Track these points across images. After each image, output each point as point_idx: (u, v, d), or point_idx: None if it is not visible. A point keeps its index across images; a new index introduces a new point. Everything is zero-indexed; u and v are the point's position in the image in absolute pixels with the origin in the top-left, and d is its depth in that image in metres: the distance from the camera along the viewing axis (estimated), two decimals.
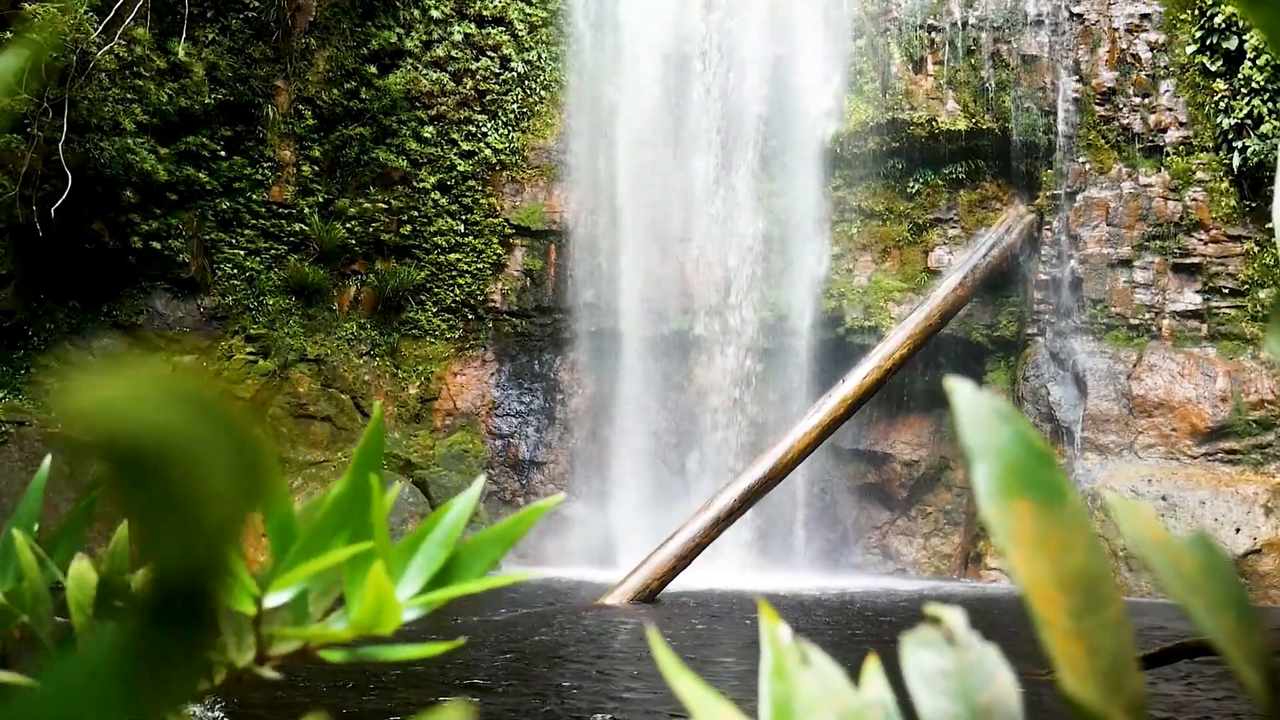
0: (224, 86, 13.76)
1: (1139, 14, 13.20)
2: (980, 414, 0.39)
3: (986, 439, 0.38)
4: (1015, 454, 0.39)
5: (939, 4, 13.74)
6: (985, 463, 0.38)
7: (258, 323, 14.17)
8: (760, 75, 14.02)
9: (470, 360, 14.99)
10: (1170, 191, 12.91)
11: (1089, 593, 0.38)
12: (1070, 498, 0.38)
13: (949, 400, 0.39)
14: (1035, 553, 0.37)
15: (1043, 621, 0.36)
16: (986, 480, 0.38)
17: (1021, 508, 0.38)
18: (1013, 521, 0.37)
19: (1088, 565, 0.38)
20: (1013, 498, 0.38)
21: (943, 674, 0.42)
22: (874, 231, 14.16)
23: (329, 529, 0.64)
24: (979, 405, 0.39)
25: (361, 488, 0.65)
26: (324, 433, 14.09)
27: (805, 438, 11.76)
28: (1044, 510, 0.38)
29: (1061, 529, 0.37)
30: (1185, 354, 12.71)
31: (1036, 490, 0.38)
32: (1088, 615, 0.37)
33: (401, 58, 14.64)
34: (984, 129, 13.56)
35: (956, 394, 0.39)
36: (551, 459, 14.80)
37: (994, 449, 0.38)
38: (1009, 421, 0.39)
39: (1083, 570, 0.37)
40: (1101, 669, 0.37)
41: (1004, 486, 0.38)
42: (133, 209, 13.16)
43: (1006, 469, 0.38)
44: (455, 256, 14.84)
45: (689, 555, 10.72)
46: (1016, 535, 0.37)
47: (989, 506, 0.37)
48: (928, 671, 0.42)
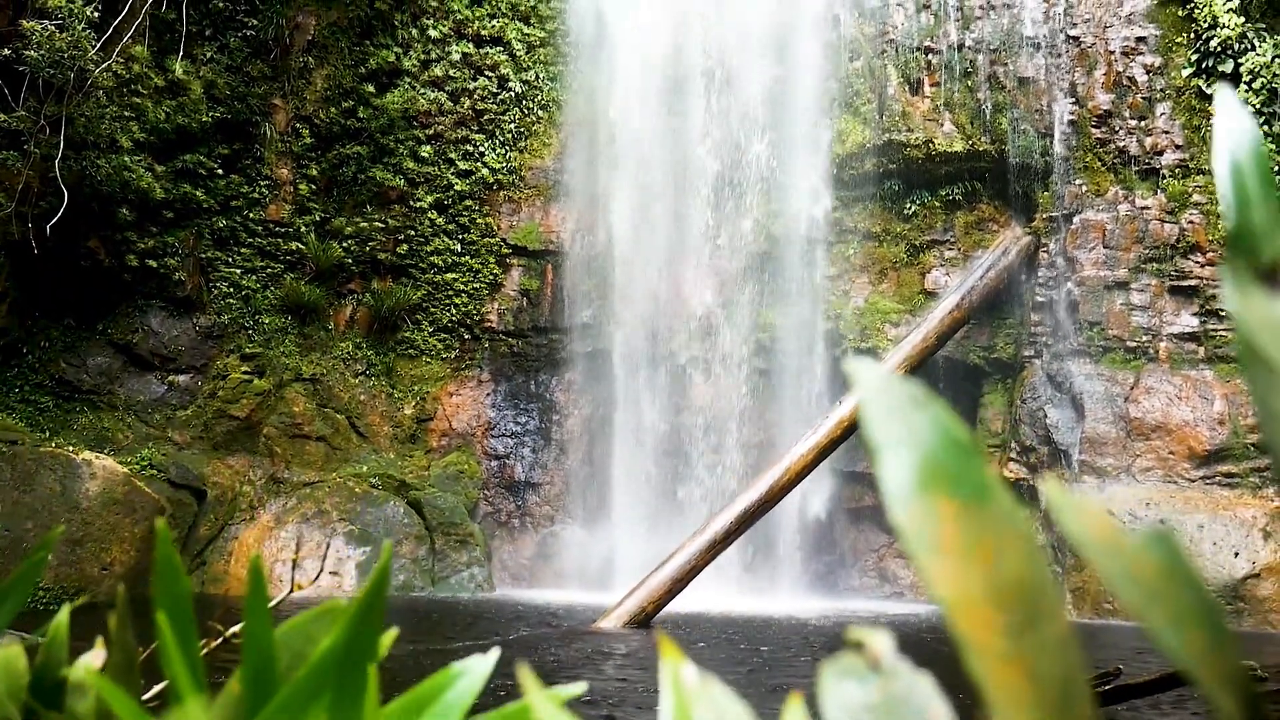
0: (222, 104, 13.76)
1: (1135, 37, 13.23)
2: (889, 399, 0.33)
3: (897, 428, 0.33)
4: (933, 445, 0.33)
5: (936, 26, 13.76)
6: (896, 455, 0.33)
7: (253, 341, 14.12)
8: (758, 96, 14.03)
9: (466, 380, 14.93)
10: (1167, 214, 12.90)
11: (1028, 607, 0.32)
12: (999, 495, 0.32)
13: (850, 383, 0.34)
14: (962, 562, 0.31)
15: (971, 644, 0.30)
16: (897, 476, 0.32)
17: (943, 507, 0.32)
18: (932, 524, 0.32)
19: (1026, 574, 0.32)
20: (931, 496, 0.32)
21: (866, 708, 0.36)
22: (870, 253, 14.13)
23: (310, 689, 0.55)
24: (887, 389, 0.34)
25: (355, 646, 0.56)
26: (319, 453, 14.01)
27: (802, 460, 11.68)
28: (970, 510, 0.32)
29: (992, 532, 0.32)
30: (1182, 376, 12.66)
31: (959, 487, 0.32)
32: (1027, 633, 0.31)
33: (399, 77, 14.66)
34: (981, 151, 13.56)
35: (859, 376, 0.34)
36: (547, 480, 14.72)
37: (906, 439, 0.33)
38: (924, 407, 0.33)
39: (1020, 580, 0.31)
40: (1047, 699, 0.31)
41: (920, 483, 0.32)
42: (129, 227, 13.13)
43: (923, 462, 0.32)
44: (452, 276, 14.80)
45: (685, 578, 10.63)
46: (937, 541, 0.31)
47: (900, 507, 0.32)
48: (850, 705, 0.36)
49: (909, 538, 0.31)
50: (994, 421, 13.68)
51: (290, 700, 0.53)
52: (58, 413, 13.02)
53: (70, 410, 13.18)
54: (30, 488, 10.62)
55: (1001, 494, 0.32)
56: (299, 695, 0.53)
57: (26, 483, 10.64)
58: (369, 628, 0.56)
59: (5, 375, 12.97)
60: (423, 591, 12.52)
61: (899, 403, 0.33)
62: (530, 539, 14.51)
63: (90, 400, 13.34)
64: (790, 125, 13.98)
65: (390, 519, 12.94)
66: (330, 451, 14.08)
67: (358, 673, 0.55)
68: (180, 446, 13.42)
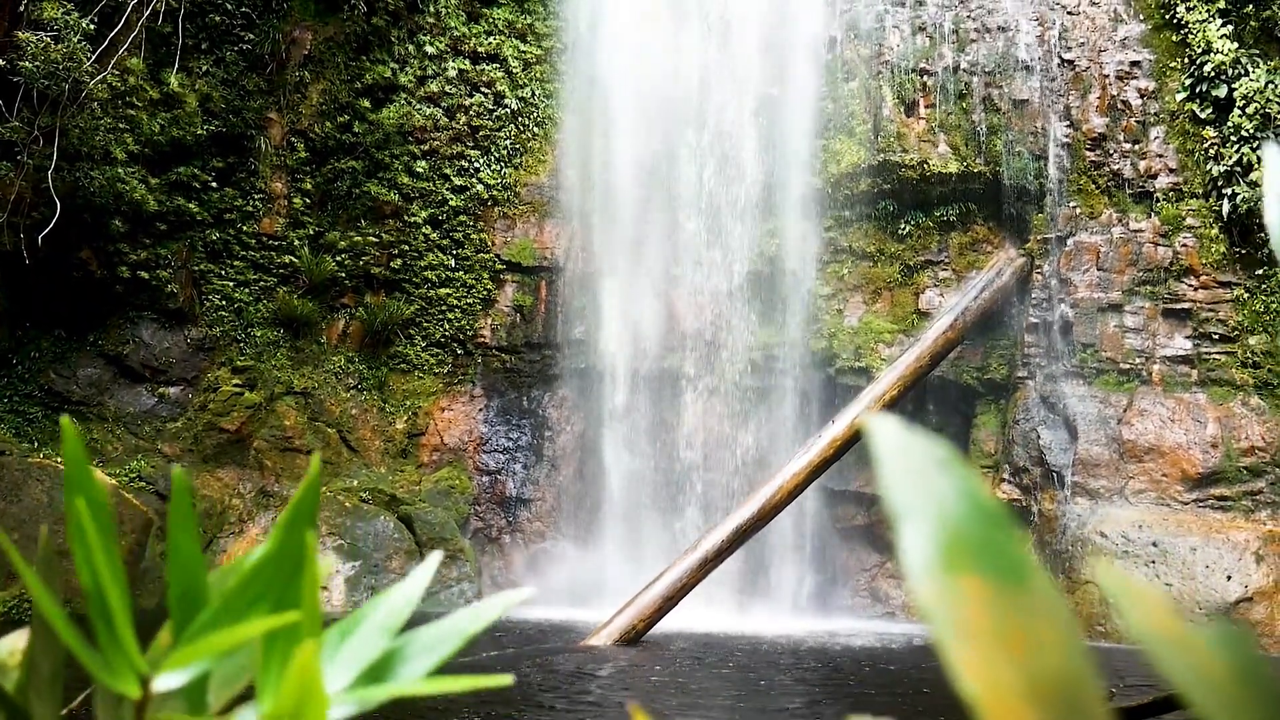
0: (217, 118, 13.74)
1: (1129, 61, 13.29)
2: (909, 461, 0.30)
3: (920, 494, 0.30)
4: (959, 515, 0.29)
5: (931, 48, 13.82)
6: (918, 525, 0.29)
7: (245, 354, 14.06)
8: (752, 115, 14.06)
9: (458, 396, 14.88)
10: (1160, 237, 12.93)
11: (1068, 704, 0.28)
12: (1034, 574, 0.29)
13: (869, 443, 0.31)
14: (993, 650, 0.27)
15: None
16: (920, 549, 0.29)
17: (971, 587, 0.29)
18: (959, 606, 0.28)
19: (1066, 666, 0.28)
20: (958, 573, 0.29)
21: None
22: (865, 273, 14.14)
23: (246, 598, 0.53)
24: (908, 449, 0.30)
25: (291, 550, 0.54)
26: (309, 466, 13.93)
27: (794, 478, 11.65)
28: (1002, 591, 0.28)
29: (1027, 617, 0.28)
30: (1176, 399, 12.67)
31: (990, 564, 0.29)
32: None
33: (395, 92, 14.66)
34: (975, 172, 13.59)
35: (877, 436, 0.30)
36: (539, 496, 14.66)
37: (929, 508, 0.29)
38: (948, 471, 0.30)
39: (1060, 673, 0.27)
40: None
41: (945, 558, 0.29)
42: (121, 238, 13.08)
43: (948, 535, 0.29)
44: (445, 291, 14.77)
45: (676, 596, 10.58)
46: (965, 625, 0.28)
47: (924, 584, 0.29)
48: None
49: (933, 619, 0.28)
50: (987, 442, 13.66)
51: (223, 609, 0.50)
52: (46, 423, 12.94)
53: (59, 421, 13.09)
54: (17, 498, 10.54)
55: (1037, 573, 0.29)
56: (230, 605, 0.50)
57: (14, 493, 10.56)
58: (300, 533, 0.53)
59: None
60: None
61: (921, 465, 0.30)
62: (521, 555, 14.44)
63: (79, 411, 13.26)
64: (785, 145, 14.00)
65: (380, 534, 12.87)
66: (321, 466, 14.00)
67: (294, 575, 0.52)
68: (170, 459, 13.34)
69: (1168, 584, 11.50)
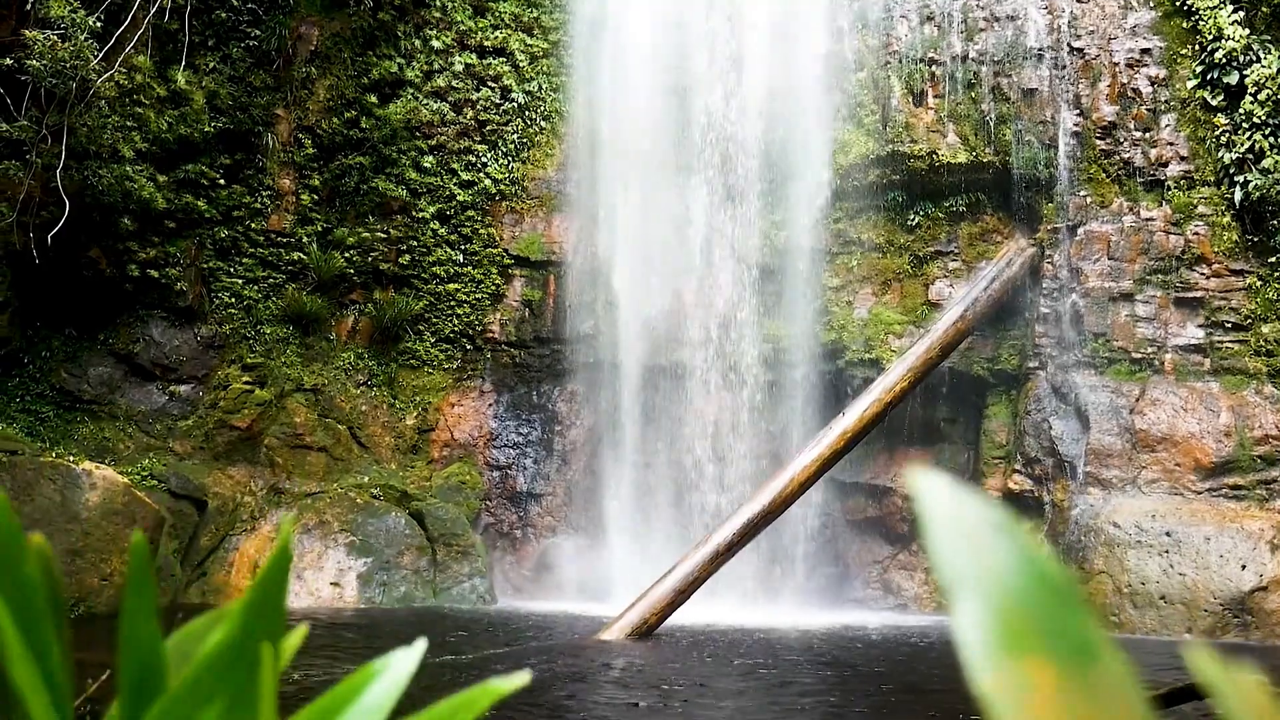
0: (224, 115, 13.74)
1: (1139, 49, 13.19)
2: (963, 526, 0.27)
3: (974, 564, 0.27)
4: (1021, 589, 0.26)
5: (939, 38, 13.74)
6: (974, 601, 0.26)
7: (255, 352, 14.08)
8: (760, 108, 14.00)
9: (468, 391, 14.88)
10: (1172, 225, 12.85)
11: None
12: (1107, 656, 0.25)
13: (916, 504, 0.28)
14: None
15: None
16: (976, 628, 0.26)
17: (1036, 672, 0.26)
18: (1022, 693, 0.25)
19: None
20: (1021, 656, 0.26)
21: None
22: (874, 264, 14.09)
23: (199, 692, 0.47)
24: (961, 513, 0.28)
25: (248, 643, 0.48)
26: (320, 463, 13.96)
27: (805, 471, 11.63)
28: (1071, 676, 0.25)
29: (1101, 706, 0.25)
30: (1188, 388, 12.60)
31: (1057, 645, 0.26)
32: None
33: (402, 87, 14.64)
34: (985, 162, 13.52)
35: (925, 497, 0.27)
36: (549, 491, 14.66)
37: (987, 581, 0.26)
38: (1008, 538, 0.27)
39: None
40: None
41: (1006, 639, 0.26)
42: (130, 236, 13.09)
43: (1009, 612, 0.26)
44: (454, 286, 14.76)
45: (687, 590, 10.57)
46: (1030, 714, 0.25)
47: (985, 668, 0.26)
48: None
49: (992, 708, 0.25)
50: (998, 433, 13.61)
51: (172, 708, 0.47)
52: (58, 422, 12.98)
53: (71, 420, 13.14)
54: (30, 498, 10.57)
55: (1110, 654, 0.25)
56: (181, 701, 0.46)
57: (26, 493, 10.59)
58: (263, 621, 0.47)
59: (6, 385, 12.93)
60: (424, 603, 12.46)
61: (976, 531, 0.27)
62: (532, 550, 14.45)
63: (91, 410, 13.29)
64: (793, 137, 13.95)
65: (391, 530, 12.89)
66: (331, 462, 14.03)
67: (251, 674, 0.47)
68: (181, 457, 13.37)
69: (1182, 574, 11.45)
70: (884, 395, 12.29)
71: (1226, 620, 11.24)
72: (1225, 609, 11.26)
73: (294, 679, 6.90)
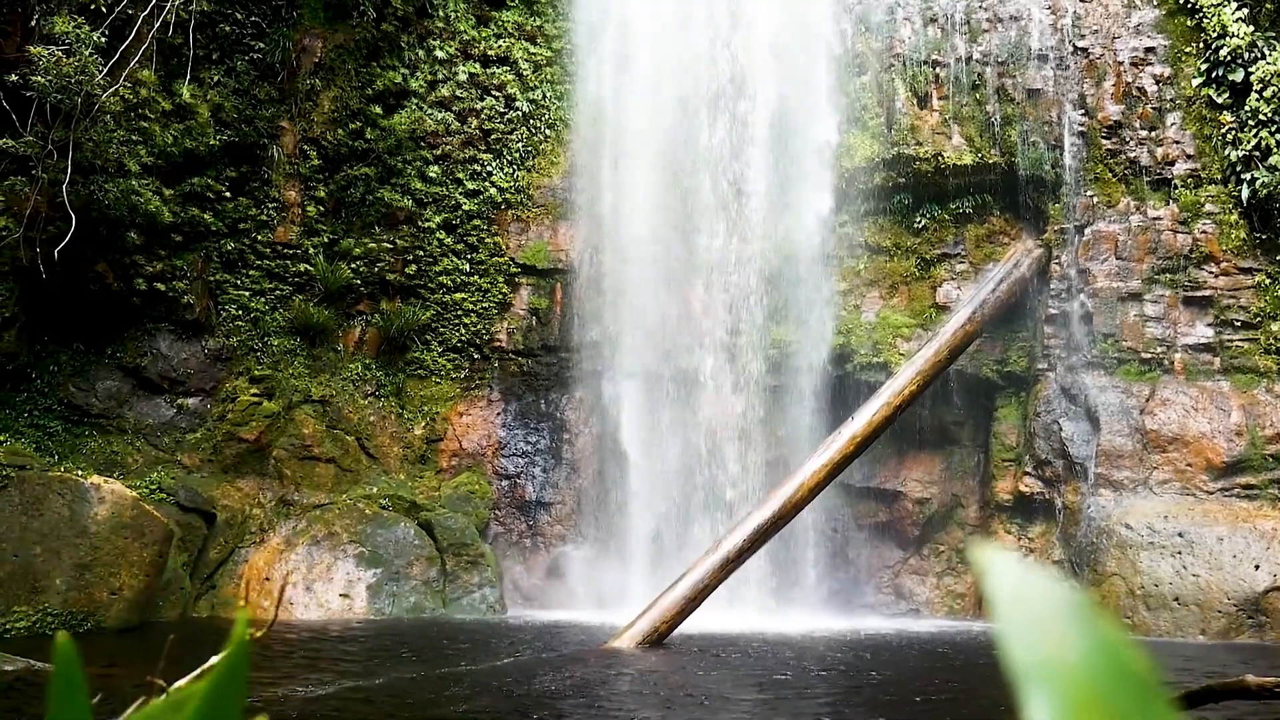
0: (229, 128, 13.76)
1: (1144, 48, 13.16)
2: (1033, 607, 0.25)
3: (1047, 651, 0.24)
4: (1099, 679, 0.23)
5: (943, 40, 13.72)
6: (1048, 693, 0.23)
7: (262, 364, 14.08)
8: (766, 113, 13.99)
9: (476, 400, 14.86)
10: (1179, 224, 12.80)
11: None
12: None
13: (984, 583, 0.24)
14: None
15: None
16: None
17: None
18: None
19: None
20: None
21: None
22: (881, 267, 14.05)
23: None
24: (1030, 594, 0.25)
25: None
26: (329, 474, 13.95)
27: (815, 476, 11.58)
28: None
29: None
30: (1198, 388, 12.54)
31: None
32: None
33: (406, 98, 14.66)
34: (990, 163, 13.48)
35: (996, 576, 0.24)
36: (558, 499, 14.62)
37: (1061, 670, 0.23)
38: (1083, 622, 0.25)
39: None
40: None
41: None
42: (137, 250, 13.11)
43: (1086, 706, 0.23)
44: (461, 296, 14.76)
45: (698, 597, 10.52)
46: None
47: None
48: None
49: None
50: (1008, 435, 13.55)
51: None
52: (67, 437, 12.99)
53: (79, 434, 13.14)
54: (39, 512, 10.57)
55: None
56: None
57: (35, 507, 10.59)
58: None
59: (14, 400, 12.94)
60: (434, 613, 12.43)
61: (1048, 613, 0.24)
62: (542, 559, 14.41)
63: (99, 424, 13.30)
64: (799, 141, 13.93)
65: (401, 540, 12.86)
66: (340, 473, 14.02)
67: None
68: (190, 470, 13.37)
69: (1195, 575, 11.38)
70: (893, 399, 12.25)
71: (1241, 621, 11.16)
72: (1239, 610, 11.18)
73: (298, 694, 6.88)
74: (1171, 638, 11.17)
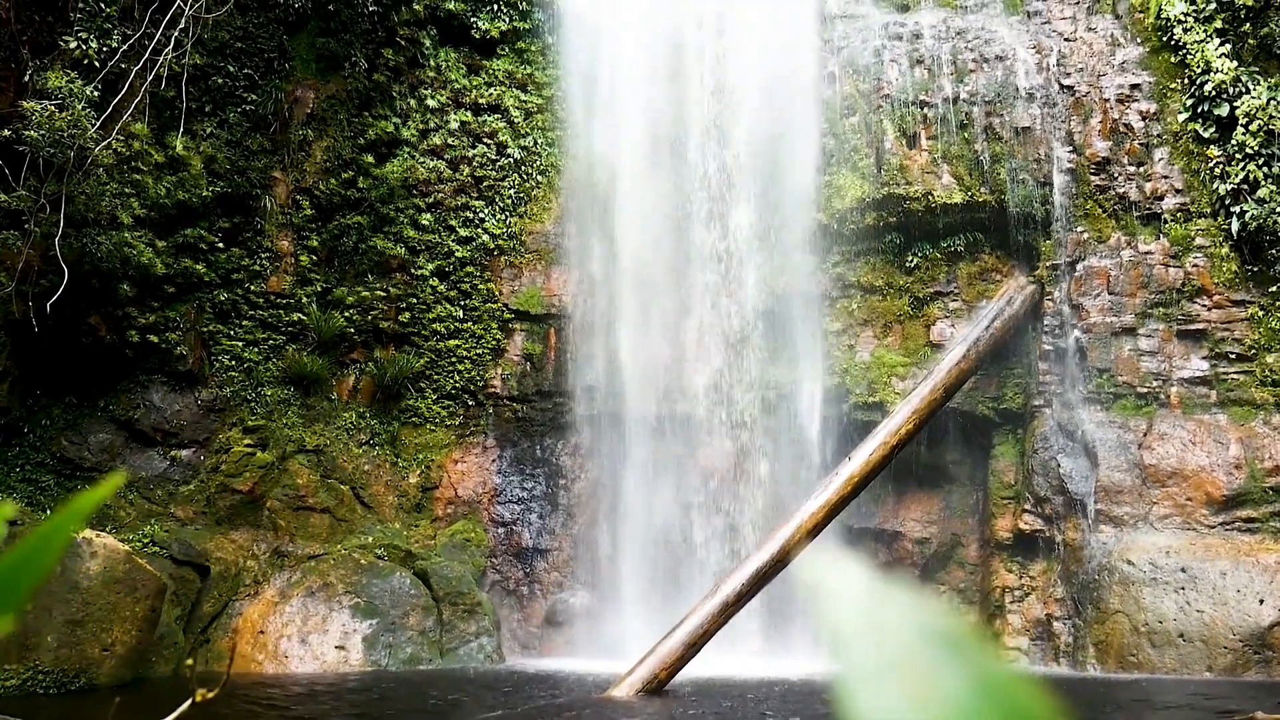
0: (222, 179, 13.81)
1: (1129, 84, 13.28)
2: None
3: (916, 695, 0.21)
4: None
5: (930, 81, 13.84)
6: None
7: (256, 414, 14.02)
8: (755, 155, 14.07)
9: (471, 447, 14.79)
10: (1171, 258, 12.83)
11: None
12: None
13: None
14: None
15: None
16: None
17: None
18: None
19: None
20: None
21: None
22: (874, 306, 14.06)
23: None
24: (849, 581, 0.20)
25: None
26: (323, 524, 13.84)
27: (813, 517, 11.50)
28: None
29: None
30: (1196, 421, 12.49)
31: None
32: None
33: (398, 146, 14.74)
34: (980, 201, 13.54)
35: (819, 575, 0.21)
36: (555, 546, 14.50)
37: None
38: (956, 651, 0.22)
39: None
40: None
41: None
42: (130, 302, 13.10)
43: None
44: (455, 343, 14.74)
45: (698, 643, 10.40)
46: None
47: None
48: None
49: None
50: (1006, 473, 13.48)
51: None
52: (59, 491, 12.89)
53: (72, 488, 13.04)
54: None
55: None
56: None
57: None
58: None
59: (6, 454, 12.86)
60: (431, 664, 12.26)
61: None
62: (539, 606, 14.26)
63: (92, 478, 13.20)
64: (789, 183, 14.00)
65: (396, 590, 12.72)
66: (335, 523, 13.90)
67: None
68: (183, 522, 13.25)
69: (1199, 611, 11.27)
70: (889, 438, 12.19)
71: (1247, 657, 11.04)
72: (1245, 645, 11.05)
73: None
74: (1178, 675, 11.02)
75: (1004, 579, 12.99)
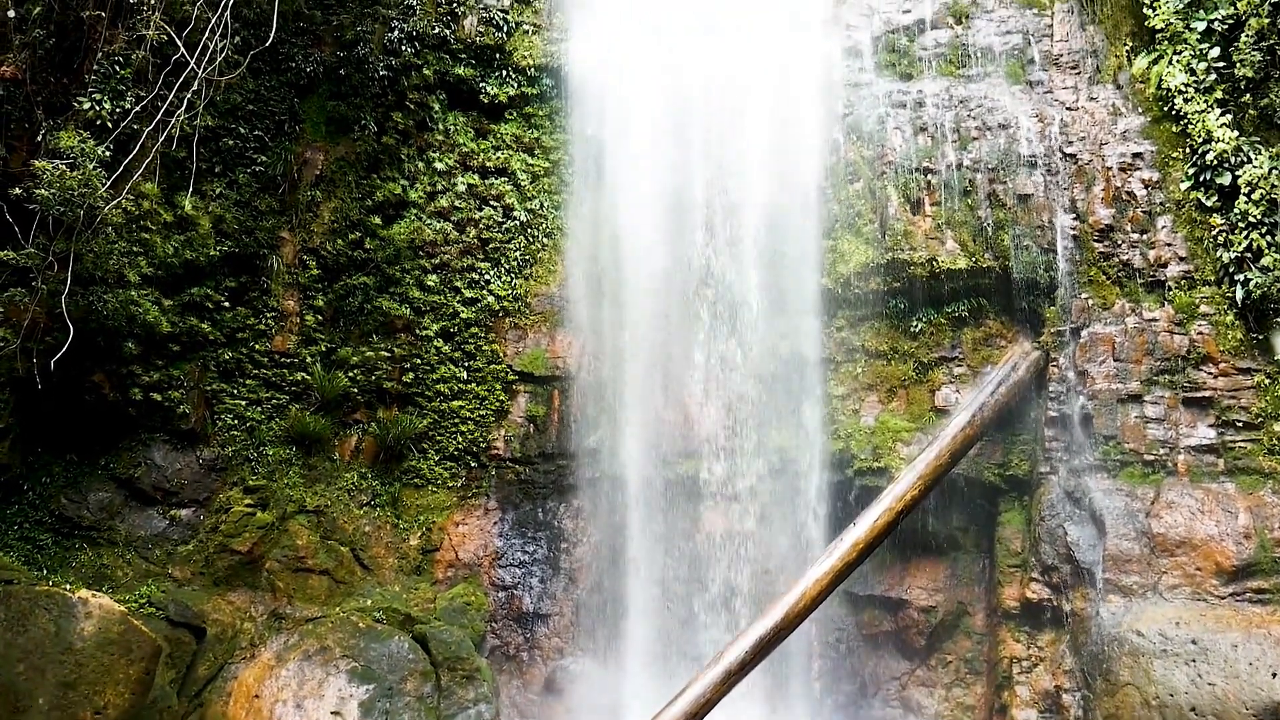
0: (229, 238, 13.91)
1: (1131, 153, 13.39)
2: None
3: None
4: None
5: (933, 148, 13.97)
6: None
7: (257, 474, 13.95)
8: (760, 221, 14.17)
9: (473, 509, 14.69)
10: (1175, 325, 12.83)
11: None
12: None
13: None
14: None
15: None
16: None
17: None
18: None
19: None
20: None
21: None
22: (879, 371, 14.04)
23: None
24: None
25: None
26: (322, 586, 13.70)
27: (817, 584, 11.37)
28: None
29: None
30: (1204, 490, 12.38)
31: None
32: None
33: (406, 208, 14.86)
34: (985, 267, 13.59)
35: None
36: (556, 611, 14.33)
37: None
38: None
39: None
40: None
41: None
42: (134, 360, 13.12)
43: None
44: (458, 404, 14.72)
45: (699, 712, 10.22)
46: None
47: None
48: None
49: None
50: (1013, 540, 13.34)
51: None
52: (56, 550, 12.78)
53: (69, 547, 12.94)
54: (24, 629, 10.32)
55: None
56: None
57: (20, 624, 10.34)
58: None
59: (5, 512, 12.77)
60: None
61: None
62: (539, 672, 14.04)
63: (90, 536, 13.11)
64: (794, 248, 14.07)
65: (395, 655, 12.54)
66: (334, 585, 13.76)
67: None
68: (180, 583, 13.12)
69: (1211, 684, 11.07)
70: (894, 504, 12.09)
71: None
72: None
73: None
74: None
75: (1012, 649, 12.78)
